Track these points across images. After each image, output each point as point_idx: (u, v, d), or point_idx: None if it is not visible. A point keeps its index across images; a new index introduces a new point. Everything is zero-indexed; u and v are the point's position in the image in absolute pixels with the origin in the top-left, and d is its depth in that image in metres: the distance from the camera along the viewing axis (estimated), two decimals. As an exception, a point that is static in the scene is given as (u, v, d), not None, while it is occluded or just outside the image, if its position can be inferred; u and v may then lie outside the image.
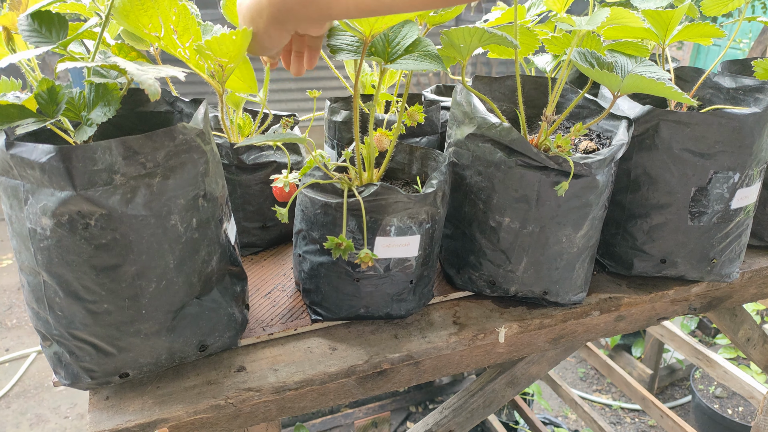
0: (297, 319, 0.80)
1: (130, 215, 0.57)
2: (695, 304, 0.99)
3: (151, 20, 0.61)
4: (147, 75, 0.55)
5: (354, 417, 2.22)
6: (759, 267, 0.99)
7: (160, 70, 0.58)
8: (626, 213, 0.87)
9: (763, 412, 1.45)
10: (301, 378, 0.71)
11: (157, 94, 0.54)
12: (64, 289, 0.59)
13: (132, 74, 0.55)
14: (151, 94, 0.53)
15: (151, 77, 0.55)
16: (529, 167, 0.74)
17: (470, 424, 1.03)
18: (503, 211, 0.78)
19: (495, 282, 0.83)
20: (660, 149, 0.81)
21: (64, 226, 0.56)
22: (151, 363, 0.66)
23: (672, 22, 0.79)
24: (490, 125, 0.76)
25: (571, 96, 0.90)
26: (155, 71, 0.57)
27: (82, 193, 0.55)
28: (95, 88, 0.60)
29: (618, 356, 2.77)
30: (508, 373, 0.99)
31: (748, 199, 0.84)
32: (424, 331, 0.80)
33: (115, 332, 0.62)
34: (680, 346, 1.87)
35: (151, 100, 0.56)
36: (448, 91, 1.20)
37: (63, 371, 0.65)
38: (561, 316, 0.85)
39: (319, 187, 0.76)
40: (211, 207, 0.65)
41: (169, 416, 0.65)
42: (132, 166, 0.57)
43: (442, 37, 0.67)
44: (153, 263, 0.60)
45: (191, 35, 0.62)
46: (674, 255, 0.87)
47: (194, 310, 0.66)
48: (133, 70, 0.56)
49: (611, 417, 2.62)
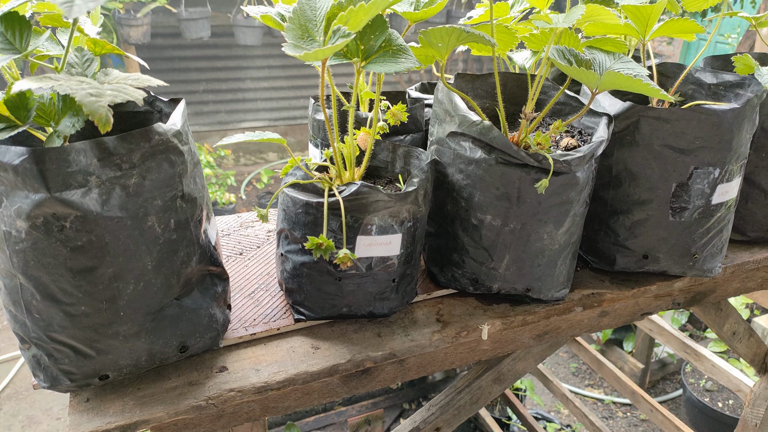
0: (280, 318, 0.80)
1: (106, 217, 0.57)
2: (679, 299, 1.00)
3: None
4: (100, 102, 0.50)
5: (347, 415, 2.22)
6: (741, 261, 1.00)
7: (119, 91, 0.54)
8: (608, 209, 0.88)
9: (750, 405, 1.47)
10: (283, 377, 0.71)
11: (108, 124, 0.49)
12: (41, 292, 0.59)
13: (82, 103, 0.50)
14: (100, 126, 0.49)
15: (104, 104, 0.50)
16: (509, 165, 0.75)
17: (458, 420, 1.04)
18: (485, 208, 0.78)
19: (478, 279, 0.83)
20: (641, 145, 0.82)
21: (39, 228, 0.56)
22: (131, 365, 0.66)
23: (651, 18, 0.79)
24: (470, 123, 0.76)
25: (552, 93, 0.90)
26: (112, 94, 0.53)
27: (56, 195, 0.55)
28: (62, 98, 0.58)
29: (609, 351, 2.78)
30: (494, 370, 1.00)
31: (728, 194, 0.85)
32: (407, 329, 0.81)
33: (94, 334, 0.62)
34: (669, 341, 1.88)
35: (101, 131, 0.49)
36: (432, 88, 1.20)
37: (42, 374, 0.65)
38: (544, 313, 0.85)
39: (301, 187, 0.76)
40: (189, 207, 0.65)
41: (150, 418, 0.65)
42: (107, 168, 0.56)
43: (420, 37, 0.67)
44: (130, 265, 0.60)
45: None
46: (656, 250, 0.87)
47: (174, 311, 0.66)
48: (84, 98, 0.50)
49: (603, 411, 2.63)
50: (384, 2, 0.60)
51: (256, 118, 4.68)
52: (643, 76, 0.69)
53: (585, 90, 0.92)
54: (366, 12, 0.59)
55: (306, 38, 0.63)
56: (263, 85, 4.62)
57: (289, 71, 4.64)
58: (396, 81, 4.90)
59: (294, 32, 0.63)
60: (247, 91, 4.58)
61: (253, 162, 4.95)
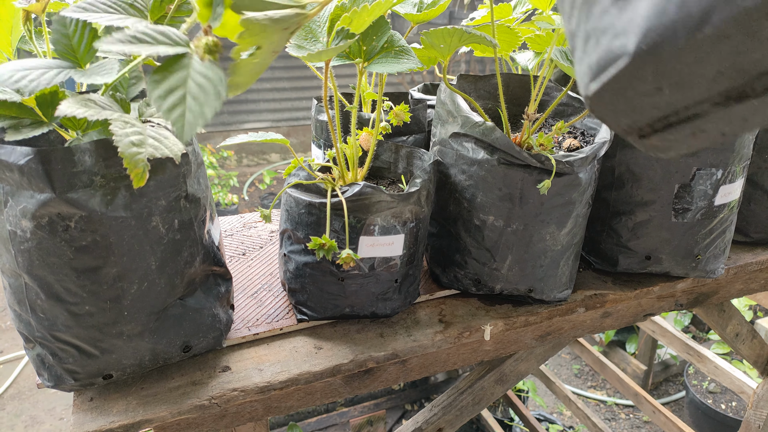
0: (283, 318, 0.80)
1: (111, 217, 0.57)
2: (681, 300, 1.00)
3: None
4: (140, 156, 0.47)
5: (349, 415, 2.22)
6: (744, 263, 0.99)
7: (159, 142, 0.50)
8: (611, 210, 0.88)
9: (753, 407, 1.46)
10: (286, 377, 0.72)
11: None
12: (46, 291, 0.59)
13: (123, 155, 0.46)
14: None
15: (144, 158, 0.47)
16: (512, 166, 0.75)
17: (460, 421, 1.04)
18: (487, 209, 0.78)
19: (480, 280, 0.83)
20: (643, 146, 0.82)
21: (44, 228, 0.56)
22: (134, 364, 0.66)
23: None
24: (473, 124, 0.76)
25: (555, 94, 0.90)
26: (153, 145, 0.48)
27: (61, 195, 0.55)
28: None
29: (612, 352, 2.78)
30: (496, 371, 1.00)
31: (731, 195, 0.85)
32: (410, 329, 0.81)
33: (98, 334, 0.62)
34: (671, 342, 1.88)
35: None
36: (435, 89, 1.20)
37: (46, 373, 0.65)
38: (546, 314, 0.85)
39: (304, 187, 0.76)
40: (193, 208, 0.65)
41: (154, 417, 0.65)
42: (112, 168, 0.57)
43: (422, 38, 0.67)
44: (134, 265, 0.60)
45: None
46: (659, 251, 0.87)
47: (177, 311, 0.66)
48: (126, 149, 0.46)
49: (606, 413, 2.63)
50: (387, 3, 0.60)
51: (259, 119, 4.69)
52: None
53: (587, 91, 0.92)
54: (370, 13, 0.59)
55: (310, 39, 0.63)
56: (266, 86, 4.63)
57: (292, 72, 4.65)
58: (399, 82, 4.90)
59: (298, 33, 0.63)
60: (250, 92, 4.59)
61: (256, 163, 4.96)
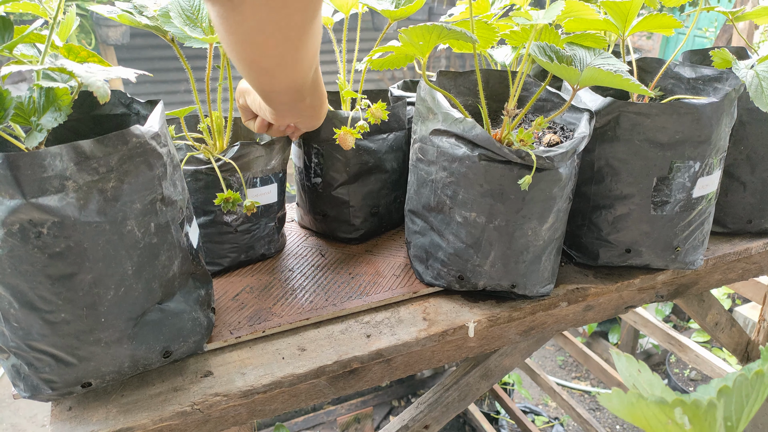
0: (265, 320, 0.79)
1: (84, 222, 0.56)
2: (662, 292, 1.01)
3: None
4: (95, 77, 0.54)
5: (336, 414, 2.21)
6: (722, 253, 1.01)
7: (110, 71, 0.57)
8: (591, 204, 0.88)
9: (733, 394, 1.49)
10: (269, 381, 0.71)
11: (106, 96, 0.53)
12: (19, 300, 0.58)
13: (80, 76, 0.54)
14: (99, 97, 0.52)
15: (100, 79, 0.54)
16: (492, 162, 0.75)
17: (446, 417, 1.04)
18: (469, 206, 0.78)
19: (463, 277, 0.83)
20: (621, 140, 0.82)
21: (16, 235, 0.55)
22: (113, 371, 0.65)
23: (630, 13, 0.80)
24: (453, 120, 0.76)
25: (534, 89, 0.91)
26: (104, 73, 0.56)
27: (32, 201, 0.53)
28: (44, 92, 0.58)
29: (595, 343, 2.81)
30: (481, 366, 1.00)
31: (709, 187, 0.86)
32: (393, 328, 0.80)
33: (75, 342, 0.61)
34: (653, 332, 1.90)
35: (100, 103, 0.55)
36: (415, 86, 1.20)
37: (22, 384, 0.63)
38: (530, 309, 0.86)
39: (190, 161, 0.84)
40: (170, 211, 0.64)
41: (134, 425, 0.64)
42: (84, 172, 0.55)
43: (400, 36, 0.67)
44: (110, 270, 0.59)
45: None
46: (639, 244, 0.88)
47: (156, 316, 0.65)
48: (81, 72, 0.55)
49: (590, 403, 2.66)
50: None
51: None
52: (623, 72, 0.69)
53: (566, 86, 0.93)
54: None
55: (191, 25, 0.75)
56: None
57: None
58: (379, 79, 4.89)
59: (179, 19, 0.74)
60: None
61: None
